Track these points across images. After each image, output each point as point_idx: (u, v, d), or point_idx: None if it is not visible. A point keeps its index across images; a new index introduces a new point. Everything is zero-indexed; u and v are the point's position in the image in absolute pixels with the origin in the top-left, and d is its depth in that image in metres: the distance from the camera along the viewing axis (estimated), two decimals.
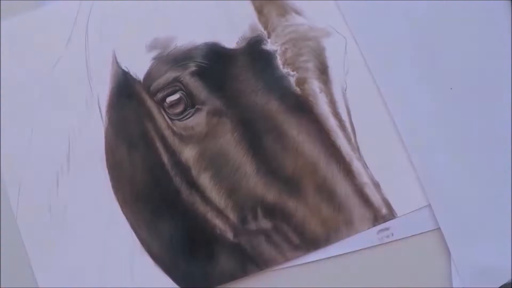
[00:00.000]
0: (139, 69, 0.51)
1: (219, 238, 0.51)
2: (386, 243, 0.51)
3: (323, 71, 0.52)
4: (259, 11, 0.52)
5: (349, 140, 0.52)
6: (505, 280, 0.49)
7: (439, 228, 0.51)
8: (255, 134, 0.51)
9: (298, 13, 0.52)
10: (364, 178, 0.52)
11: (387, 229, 0.52)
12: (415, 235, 0.51)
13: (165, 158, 0.51)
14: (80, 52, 0.51)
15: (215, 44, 0.51)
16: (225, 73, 0.51)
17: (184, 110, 0.51)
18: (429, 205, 0.51)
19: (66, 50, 0.51)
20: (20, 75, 0.51)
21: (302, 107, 0.51)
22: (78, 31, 0.51)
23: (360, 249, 0.51)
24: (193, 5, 0.53)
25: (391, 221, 0.51)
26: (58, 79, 0.51)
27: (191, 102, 0.51)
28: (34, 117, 0.51)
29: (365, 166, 0.52)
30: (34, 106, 0.51)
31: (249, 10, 0.53)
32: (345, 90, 0.52)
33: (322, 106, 0.52)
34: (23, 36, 0.51)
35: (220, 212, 0.51)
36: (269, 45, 0.52)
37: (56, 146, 0.51)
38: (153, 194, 0.51)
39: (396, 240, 0.51)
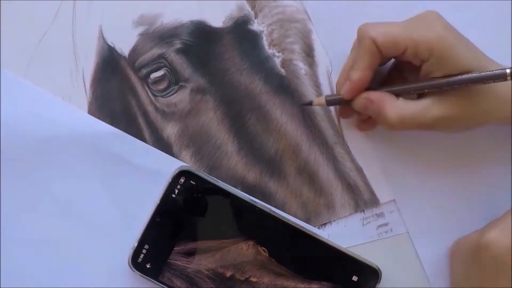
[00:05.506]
0: (124, 45, 0.51)
1: None
2: (385, 238, 0.51)
3: (309, 54, 0.51)
4: None
5: (333, 123, 0.51)
6: None
7: None
8: (238, 113, 0.51)
9: None
10: (347, 163, 0.51)
11: (386, 224, 0.51)
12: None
13: (146, 134, 0.51)
14: (67, 26, 0.51)
15: (201, 22, 0.51)
16: (210, 52, 0.51)
17: (168, 86, 0.51)
18: None
19: (53, 24, 0.51)
20: (8, 46, 0.51)
21: (286, 88, 0.51)
22: (66, 5, 0.51)
23: (358, 244, 0.51)
24: None
25: (390, 216, 0.51)
26: (44, 52, 0.51)
27: (175, 79, 0.51)
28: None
29: (348, 150, 0.51)
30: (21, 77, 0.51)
31: None
32: (331, 73, 0.51)
33: (307, 88, 0.51)
34: (11, 7, 0.51)
35: None
36: (256, 26, 0.51)
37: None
38: None
39: (395, 235, 0.51)
